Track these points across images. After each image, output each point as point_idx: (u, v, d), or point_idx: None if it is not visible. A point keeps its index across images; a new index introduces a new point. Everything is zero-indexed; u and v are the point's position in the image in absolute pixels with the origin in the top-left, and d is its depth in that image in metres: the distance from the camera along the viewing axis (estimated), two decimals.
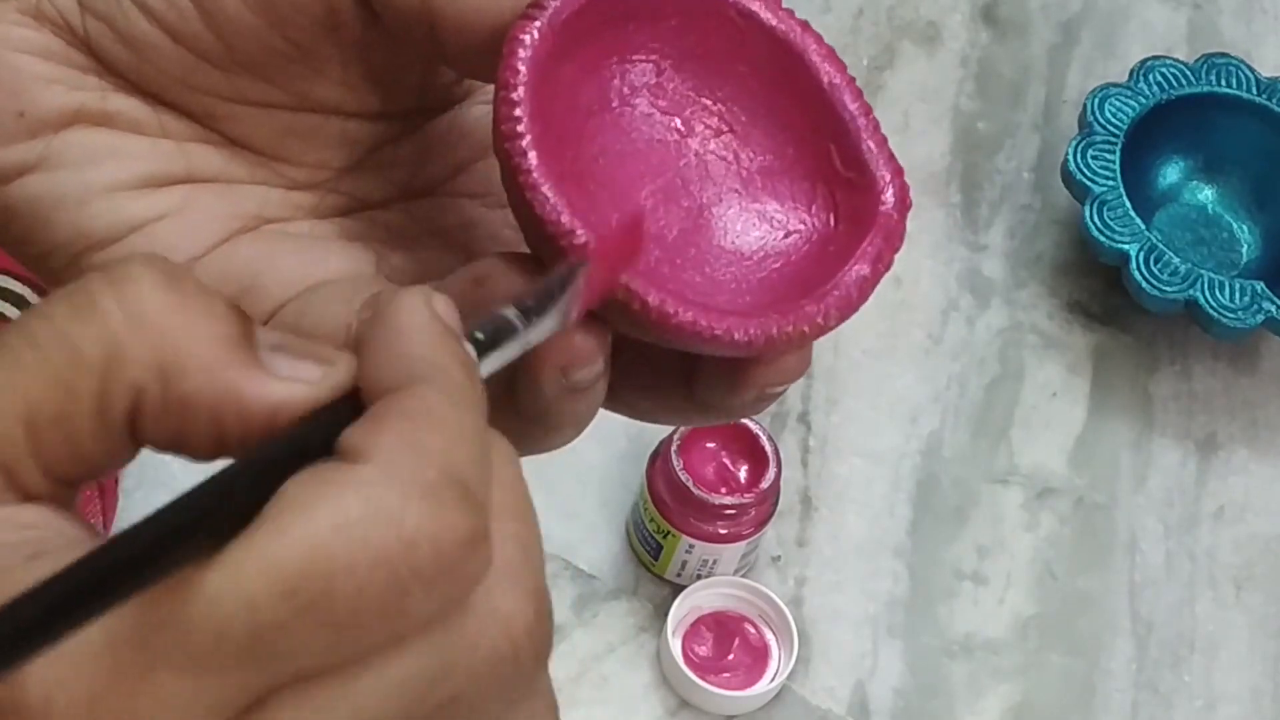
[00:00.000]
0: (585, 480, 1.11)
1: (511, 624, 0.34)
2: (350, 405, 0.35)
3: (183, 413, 0.34)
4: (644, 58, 0.44)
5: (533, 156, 0.41)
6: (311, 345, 0.36)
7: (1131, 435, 1.18)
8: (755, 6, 0.44)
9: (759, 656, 1.07)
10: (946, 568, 1.12)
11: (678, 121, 0.45)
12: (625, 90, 0.44)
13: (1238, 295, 1.15)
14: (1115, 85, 1.21)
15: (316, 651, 0.32)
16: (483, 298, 0.41)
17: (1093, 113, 1.20)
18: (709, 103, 0.45)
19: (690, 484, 1.04)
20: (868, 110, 0.44)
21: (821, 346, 1.17)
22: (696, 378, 0.44)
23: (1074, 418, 1.18)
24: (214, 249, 0.45)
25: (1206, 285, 1.15)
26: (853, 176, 0.44)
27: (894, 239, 0.43)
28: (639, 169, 0.43)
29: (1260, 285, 1.16)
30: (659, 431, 1.08)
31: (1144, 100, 1.21)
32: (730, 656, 1.07)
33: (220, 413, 0.34)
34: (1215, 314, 1.14)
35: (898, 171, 0.44)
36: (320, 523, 0.32)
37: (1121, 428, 1.18)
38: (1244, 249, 1.22)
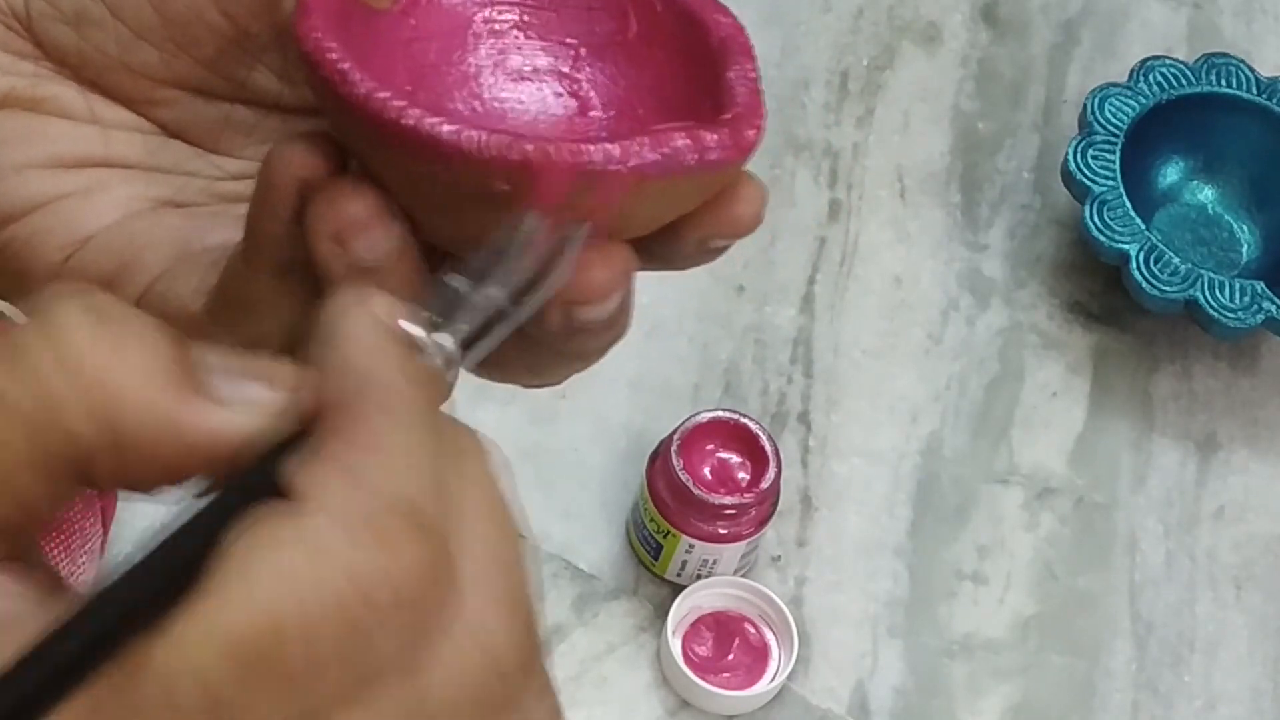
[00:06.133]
0: (585, 480, 1.11)
1: (489, 639, 0.33)
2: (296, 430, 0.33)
3: (125, 455, 0.33)
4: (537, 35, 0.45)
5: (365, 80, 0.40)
6: (256, 364, 0.34)
7: (1131, 435, 1.18)
8: None
9: (759, 656, 1.07)
10: (946, 568, 1.12)
11: (574, 103, 0.45)
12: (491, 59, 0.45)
13: (1238, 295, 1.15)
14: (1115, 85, 1.21)
15: (282, 708, 0.31)
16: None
17: (1093, 113, 1.20)
18: (615, 87, 0.45)
19: (690, 484, 1.04)
20: (749, 52, 0.43)
21: (822, 347, 1.18)
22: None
23: (1074, 418, 1.18)
24: (108, 227, 0.45)
25: (1206, 285, 1.15)
26: (723, 118, 0.43)
27: (736, 139, 0.41)
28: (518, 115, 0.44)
29: (1260, 285, 1.16)
30: (659, 431, 1.08)
31: (1144, 100, 1.21)
32: (730, 656, 1.07)
33: (162, 450, 0.33)
34: (1215, 314, 1.14)
35: (756, 108, 0.42)
36: (265, 583, 0.31)
37: (1121, 428, 1.18)
38: (1244, 249, 1.22)
